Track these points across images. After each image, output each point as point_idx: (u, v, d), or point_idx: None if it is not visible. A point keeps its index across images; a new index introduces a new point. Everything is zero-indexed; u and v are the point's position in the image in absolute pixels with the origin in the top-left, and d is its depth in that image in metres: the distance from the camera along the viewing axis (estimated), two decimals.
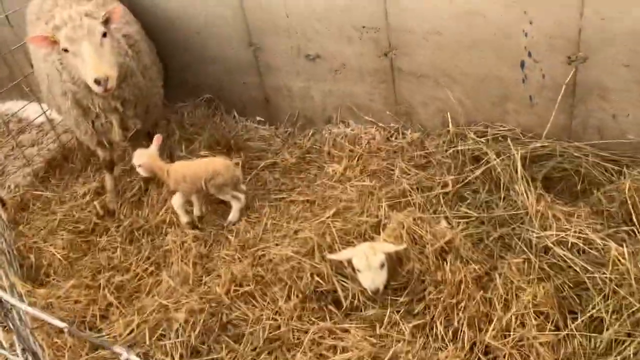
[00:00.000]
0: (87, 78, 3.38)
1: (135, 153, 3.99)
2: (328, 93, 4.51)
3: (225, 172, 3.82)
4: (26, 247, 4.18)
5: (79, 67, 3.42)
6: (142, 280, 3.64)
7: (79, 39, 3.35)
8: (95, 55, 3.34)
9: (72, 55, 3.42)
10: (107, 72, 3.34)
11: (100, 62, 3.34)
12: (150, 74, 4.11)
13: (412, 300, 3.05)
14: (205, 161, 3.98)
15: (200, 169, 3.88)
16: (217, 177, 3.82)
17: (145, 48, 4.21)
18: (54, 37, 3.41)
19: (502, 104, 3.82)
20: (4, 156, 5.66)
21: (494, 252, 3.28)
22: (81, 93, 3.66)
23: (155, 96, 4.18)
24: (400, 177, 3.94)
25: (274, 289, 3.26)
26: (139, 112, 3.96)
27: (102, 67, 3.33)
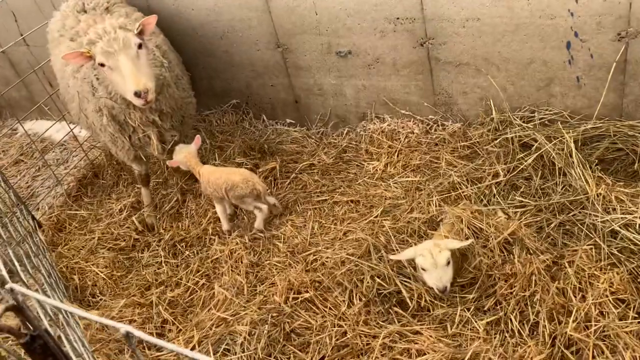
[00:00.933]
0: (126, 92, 3.30)
1: (176, 147, 3.99)
2: (361, 89, 4.41)
3: (243, 184, 3.70)
4: (68, 268, 4.11)
5: (117, 82, 3.35)
6: (194, 294, 3.57)
7: (115, 53, 3.28)
8: (134, 68, 3.27)
9: (108, 70, 3.34)
10: (146, 85, 3.27)
11: (138, 75, 3.27)
12: (182, 84, 4.03)
13: (481, 296, 2.96)
14: (227, 171, 3.88)
15: (221, 178, 3.82)
16: (235, 189, 3.74)
17: (174, 58, 4.13)
18: (89, 52, 3.34)
19: (548, 87, 3.71)
20: (31, 178, 5.60)
21: (557, 240, 3.18)
22: (118, 108, 3.59)
23: (189, 106, 4.10)
24: (447, 170, 3.84)
25: (334, 294, 3.17)
26: (175, 124, 3.88)
27: (141, 80, 3.26)
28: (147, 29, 3.47)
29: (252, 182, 3.70)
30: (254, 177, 3.76)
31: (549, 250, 3.08)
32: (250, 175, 3.75)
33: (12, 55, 6.03)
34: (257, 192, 3.71)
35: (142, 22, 3.43)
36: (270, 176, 4.35)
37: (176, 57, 4.21)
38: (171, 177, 4.64)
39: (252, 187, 3.69)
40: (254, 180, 3.72)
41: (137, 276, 3.91)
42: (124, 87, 3.31)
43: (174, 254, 4.03)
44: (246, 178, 3.72)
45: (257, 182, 3.72)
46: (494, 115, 3.92)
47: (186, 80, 4.19)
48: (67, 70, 3.98)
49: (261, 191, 3.71)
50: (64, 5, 4.31)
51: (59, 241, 4.44)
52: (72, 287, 3.93)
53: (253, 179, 3.73)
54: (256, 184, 3.71)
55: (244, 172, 3.79)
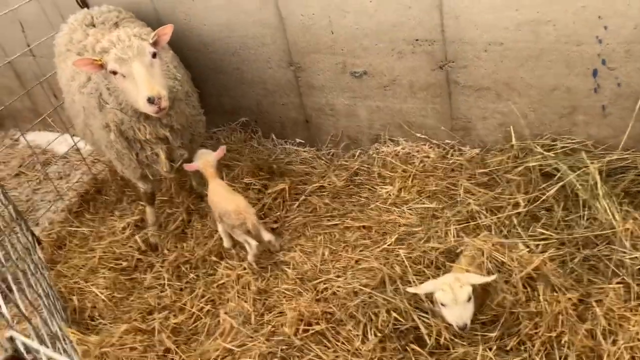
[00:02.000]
0: (138, 99, 3.17)
1: (199, 151, 3.89)
2: (375, 110, 4.29)
3: (234, 215, 3.52)
4: (67, 288, 3.96)
5: (129, 90, 3.22)
6: (199, 321, 3.41)
7: (129, 60, 3.16)
8: (147, 75, 3.15)
9: (121, 78, 3.22)
10: (160, 91, 3.14)
11: (152, 81, 3.15)
12: (192, 101, 3.91)
13: (504, 335, 2.80)
14: (226, 196, 3.70)
15: (219, 202, 3.69)
16: (227, 217, 3.60)
17: (183, 74, 4.01)
18: (100, 60, 3.22)
19: (571, 115, 3.59)
20: (32, 191, 5.46)
21: (582, 277, 3.03)
22: (127, 122, 3.46)
23: (199, 124, 3.97)
24: (465, 197, 3.70)
25: (347, 328, 3.02)
26: (185, 142, 3.75)
27: (155, 86, 3.14)
28: (162, 39, 3.37)
29: (244, 216, 3.50)
30: (248, 210, 3.54)
31: (575, 287, 2.93)
32: (244, 208, 3.54)
33: (18, 65, 5.92)
34: (247, 228, 3.51)
35: (158, 32, 3.33)
36: (279, 198, 4.21)
37: (186, 74, 4.09)
38: (177, 196, 4.50)
39: (242, 221, 3.50)
40: (246, 214, 3.51)
41: (139, 299, 3.75)
42: (136, 95, 3.18)
43: (178, 276, 3.87)
44: (239, 210, 3.53)
45: (248, 218, 3.50)
46: (514, 142, 3.79)
47: (195, 97, 4.07)
48: (73, 85, 3.86)
49: (251, 228, 3.50)
50: (72, 19, 4.21)
51: (58, 259, 4.29)
52: (70, 309, 3.77)
53: (246, 213, 3.51)
54: (247, 220, 3.49)
55: (240, 204, 3.58)
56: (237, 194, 3.75)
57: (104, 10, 4.26)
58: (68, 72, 3.97)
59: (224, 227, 3.78)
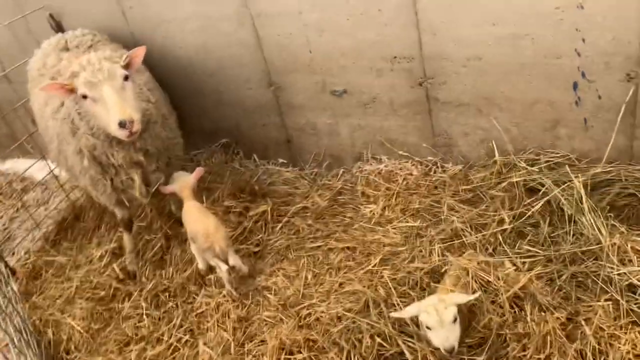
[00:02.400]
0: (109, 123, 3.08)
1: (175, 174, 3.80)
2: (357, 128, 4.22)
3: (202, 238, 3.42)
4: (42, 320, 3.83)
5: (100, 114, 3.14)
6: (177, 352, 3.28)
7: (99, 83, 3.08)
8: (118, 98, 3.07)
9: (91, 102, 3.14)
10: (131, 115, 3.06)
11: (123, 105, 3.07)
12: (169, 123, 3.83)
13: (491, 358, 2.69)
14: (196, 218, 3.59)
15: (189, 222, 3.61)
16: (196, 239, 3.51)
17: (160, 96, 3.93)
18: (70, 84, 3.14)
19: (554, 129, 3.54)
20: (9, 219, 5.32)
21: (570, 294, 2.94)
22: (100, 147, 3.36)
23: (177, 146, 3.88)
24: (449, 215, 3.62)
25: (329, 355, 2.90)
26: (161, 166, 3.65)
27: (127, 110, 3.06)
28: (134, 61, 3.29)
29: (212, 240, 3.38)
30: (218, 233, 3.42)
31: (562, 305, 2.84)
32: (214, 231, 3.42)
33: None
34: (215, 252, 3.39)
35: (130, 55, 3.26)
36: (260, 220, 4.11)
37: (162, 96, 4.01)
38: (155, 222, 4.38)
39: (209, 244, 3.39)
40: (215, 237, 3.39)
41: (116, 329, 3.63)
42: (107, 119, 3.09)
43: (156, 304, 3.75)
44: (208, 233, 3.41)
45: (217, 241, 3.38)
46: (497, 157, 3.73)
47: (173, 119, 3.99)
48: (47, 110, 3.76)
49: (218, 252, 3.37)
50: (45, 43, 4.13)
51: (33, 290, 4.16)
52: (45, 342, 3.63)
53: (215, 237, 3.39)
54: (215, 243, 3.37)
55: (209, 227, 3.45)
56: (209, 216, 3.61)
57: (77, 34, 4.18)
58: (41, 98, 3.88)
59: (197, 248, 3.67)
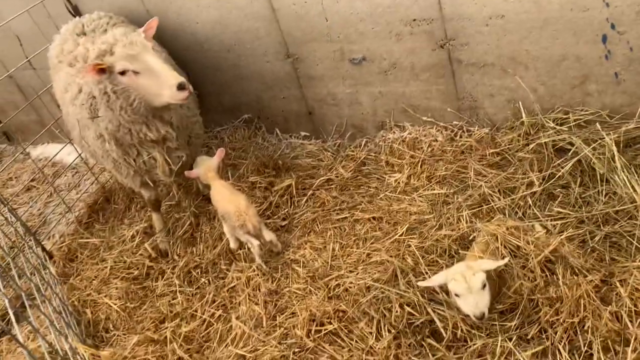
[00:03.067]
0: (164, 90, 3.05)
1: (197, 158, 3.80)
2: (378, 96, 4.15)
3: (235, 216, 3.45)
4: (80, 301, 3.92)
5: (147, 85, 3.10)
6: (211, 328, 3.34)
7: (139, 55, 3.05)
8: (166, 64, 3.08)
9: (132, 76, 3.10)
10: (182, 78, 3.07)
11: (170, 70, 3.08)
12: (187, 102, 3.81)
13: (524, 323, 2.67)
14: (227, 197, 3.60)
15: (219, 202, 3.62)
16: (228, 218, 3.53)
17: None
18: (103, 63, 3.11)
19: (582, 85, 3.41)
20: (43, 204, 5.46)
21: (603, 255, 2.87)
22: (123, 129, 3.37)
23: (196, 125, 3.88)
24: (477, 180, 3.55)
25: (360, 325, 2.91)
26: (182, 144, 3.66)
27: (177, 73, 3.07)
28: (148, 33, 3.27)
29: (244, 217, 3.41)
30: (249, 211, 3.45)
31: (596, 267, 2.77)
32: (245, 209, 3.45)
33: (20, 79, 5.91)
34: (247, 229, 3.43)
35: (144, 28, 3.23)
36: (286, 194, 4.11)
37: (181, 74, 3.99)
38: (184, 200, 4.43)
39: (242, 222, 3.42)
40: (247, 215, 3.42)
41: (151, 308, 3.70)
42: (159, 87, 3.06)
43: (189, 281, 3.81)
44: (239, 211, 3.44)
45: (249, 219, 3.41)
46: (524, 118, 3.62)
47: (192, 98, 3.97)
48: (66, 97, 3.79)
49: (251, 229, 3.42)
50: (63, 29, 4.14)
51: (70, 272, 4.26)
52: (84, 322, 3.74)
53: (247, 214, 3.43)
54: (247, 221, 3.41)
55: (240, 204, 3.48)
56: (239, 195, 3.65)
57: (94, 18, 4.18)
58: (62, 84, 3.90)
59: (229, 228, 3.71)
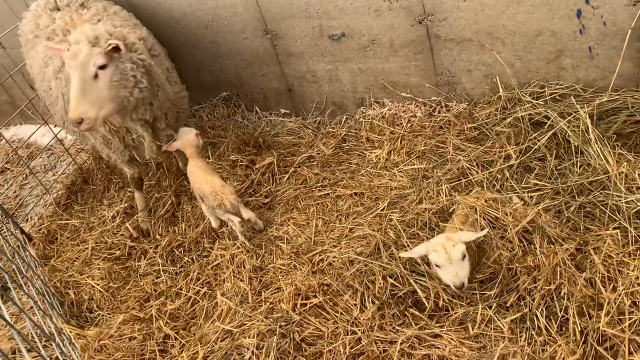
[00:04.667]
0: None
1: (180, 130, 3.74)
2: (358, 73, 4.16)
3: (211, 197, 3.48)
4: (62, 282, 3.91)
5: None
6: (196, 305, 3.37)
7: (72, 68, 3.02)
8: (79, 93, 2.99)
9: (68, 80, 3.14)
10: (83, 115, 2.99)
11: (80, 103, 2.99)
12: (173, 77, 3.79)
13: (503, 291, 2.76)
14: (202, 177, 3.60)
15: (195, 183, 3.63)
16: (205, 198, 3.55)
17: (161, 50, 3.87)
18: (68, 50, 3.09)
19: (557, 60, 3.47)
20: (19, 186, 5.37)
21: (578, 225, 2.97)
22: None
23: (183, 100, 3.85)
24: (455, 155, 3.62)
25: (344, 298, 2.97)
26: (171, 122, 3.64)
27: (80, 109, 2.98)
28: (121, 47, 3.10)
29: (221, 196, 3.46)
30: (225, 190, 3.49)
31: (571, 236, 2.87)
32: (220, 188, 3.48)
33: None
34: (225, 207, 3.47)
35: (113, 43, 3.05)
36: (267, 172, 4.13)
37: (162, 51, 3.94)
38: (164, 179, 4.41)
39: (220, 201, 3.46)
40: (223, 194, 3.46)
41: (135, 287, 3.71)
42: None
43: (172, 260, 3.82)
44: (215, 191, 3.48)
45: (226, 197, 3.46)
46: (501, 93, 3.69)
47: (176, 73, 3.94)
48: (48, 71, 3.72)
49: (229, 207, 3.47)
50: (34, 5, 4.03)
51: (51, 254, 4.24)
52: (67, 303, 3.74)
53: (223, 193, 3.47)
54: (224, 199, 3.45)
55: (215, 184, 3.51)
56: (214, 174, 3.63)
57: None
58: (40, 59, 3.82)
59: (207, 207, 3.72)
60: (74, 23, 3.64)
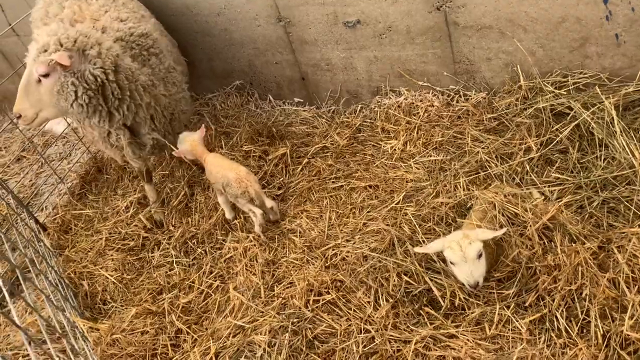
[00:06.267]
0: None
1: (180, 136, 3.73)
2: (373, 61, 4.05)
3: (236, 184, 3.44)
4: (76, 273, 3.91)
5: None
6: (209, 298, 3.34)
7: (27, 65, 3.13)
8: (23, 92, 3.12)
9: None
10: (21, 112, 3.15)
11: (21, 101, 3.13)
12: (173, 77, 3.69)
13: (521, 291, 2.67)
14: (226, 166, 3.59)
15: (219, 172, 3.57)
16: (229, 186, 3.49)
17: (165, 46, 3.78)
18: None
19: (582, 47, 3.32)
20: (35, 175, 5.38)
21: (601, 221, 2.86)
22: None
23: (181, 101, 3.76)
24: (473, 147, 3.51)
25: (358, 295, 2.92)
26: (159, 126, 3.57)
27: (20, 106, 3.15)
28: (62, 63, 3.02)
29: (246, 183, 3.42)
30: (249, 178, 3.47)
31: (594, 234, 2.76)
32: (245, 176, 3.45)
33: (3, 46, 5.75)
34: (250, 194, 3.43)
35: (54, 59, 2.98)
36: (280, 163, 4.06)
37: (170, 43, 3.87)
38: (177, 169, 4.37)
39: (244, 189, 3.42)
40: (248, 181, 3.43)
41: (149, 279, 3.69)
42: None
43: (185, 251, 3.80)
44: (240, 178, 3.44)
45: (250, 185, 3.43)
46: (522, 82, 3.55)
47: (180, 70, 3.86)
48: None
49: (253, 195, 3.43)
50: None
51: (65, 244, 4.24)
52: (81, 294, 3.74)
53: (247, 180, 3.44)
54: (249, 187, 3.42)
55: (240, 172, 3.49)
56: (236, 163, 3.64)
57: None
58: None
59: (225, 199, 3.68)
60: (82, 13, 3.59)
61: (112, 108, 3.27)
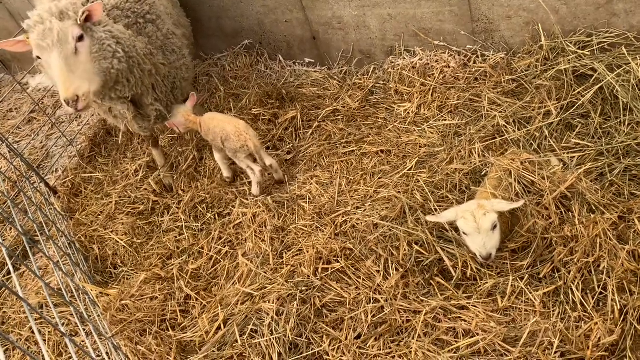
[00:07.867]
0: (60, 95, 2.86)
1: (173, 110, 3.66)
2: (387, 19, 3.87)
3: (235, 137, 3.39)
4: (87, 237, 3.91)
5: (52, 80, 2.97)
6: (218, 265, 3.32)
7: (48, 48, 2.79)
8: (65, 70, 2.78)
9: (46, 64, 2.89)
10: (77, 91, 2.80)
11: (71, 78, 2.79)
12: (172, 43, 3.56)
13: (536, 262, 2.59)
14: (225, 120, 3.54)
15: (218, 126, 3.52)
16: (228, 140, 3.43)
17: (164, 10, 3.63)
18: (28, 39, 2.87)
19: (609, 4, 3.12)
20: (45, 137, 5.36)
21: (622, 190, 2.74)
22: None
23: (182, 69, 3.64)
24: (490, 110, 3.37)
25: (367, 264, 2.86)
26: (161, 96, 3.47)
27: (72, 85, 2.79)
28: (94, 14, 2.91)
29: (245, 136, 3.38)
30: (248, 131, 3.42)
31: (614, 203, 2.65)
32: (244, 129, 3.41)
33: (10, 4, 5.63)
34: (249, 148, 3.38)
35: (88, 9, 2.87)
36: (290, 127, 3.96)
37: (170, 4, 3.72)
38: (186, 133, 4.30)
39: (243, 142, 3.38)
40: (247, 134, 3.39)
41: (158, 243, 3.68)
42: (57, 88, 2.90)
43: (194, 216, 3.76)
44: (239, 131, 3.40)
45: (250, 138, 3.39)
46: (544, 42, 3.37)
47: (180, 34, 3.71)
48: None
49: (253, 148, 3.38)
50: None
51: (75, 207, 4.23)
52: (92, 258, 3.74)
53: (247, 134, 3.40)
54: (249, 140, 3.38)
55: (239, 125, 3.44)
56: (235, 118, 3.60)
57: None
58: None
59: (223, 156, 3.64)
60: None
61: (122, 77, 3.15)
